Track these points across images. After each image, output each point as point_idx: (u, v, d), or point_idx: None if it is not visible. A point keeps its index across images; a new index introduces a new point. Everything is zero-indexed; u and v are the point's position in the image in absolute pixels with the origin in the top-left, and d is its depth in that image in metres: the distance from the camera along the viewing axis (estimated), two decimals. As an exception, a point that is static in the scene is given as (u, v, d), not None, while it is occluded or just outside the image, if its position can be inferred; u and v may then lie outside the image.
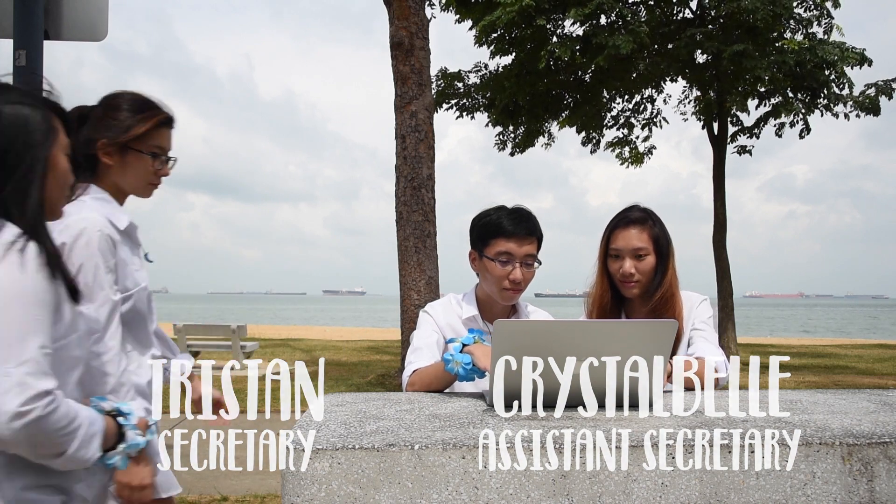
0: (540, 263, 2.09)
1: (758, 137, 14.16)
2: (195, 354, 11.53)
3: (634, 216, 2.14)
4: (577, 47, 11.99)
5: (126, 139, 1.84)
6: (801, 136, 13.47)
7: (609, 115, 15.18)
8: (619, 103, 15.05)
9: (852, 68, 12.02)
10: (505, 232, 2.03)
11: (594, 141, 15.46)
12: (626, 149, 15.54)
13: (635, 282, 2.09)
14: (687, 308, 2.14)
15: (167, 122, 1.91)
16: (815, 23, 12.57)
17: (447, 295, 2.22)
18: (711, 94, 13.78)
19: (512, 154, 15.73)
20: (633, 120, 15.32)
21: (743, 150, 14.39)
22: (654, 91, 14.83)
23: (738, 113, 14.21)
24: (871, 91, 12.54)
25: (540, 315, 2.18)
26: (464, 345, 1.75)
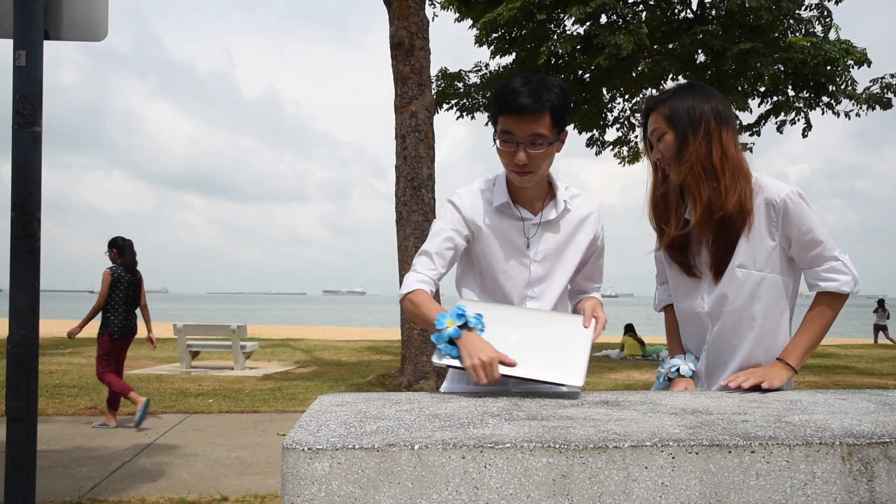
0: (556, 139, 1.83)
1: (759, 135, 14.10)
2: (195, 355, 11.53)
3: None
4: (578, 45, 11.99)
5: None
6: (803, 135, 13.42)
7: (610, 116, 15.15)
8: (619, 103, 15.05)
9: (853, 67, 12.03)
10: (505, 107, 1.78)
11: (598, 143, 15.41)
12: (625, 148, 15.52)
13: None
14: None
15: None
16: (816, 22, 12.58)
17: (476, 180, 2.00)
18: (712, 94, 13.73)
19: None
20: (633, 119, 15.30)
21: (744, 147, 14.19)
22: (654, 91, 14.80)
23: (739, 112, 14.19)
24: (875, 88, 12.56)
25: (584, 199, 2.00)
26: (451, 338, 1.59)
